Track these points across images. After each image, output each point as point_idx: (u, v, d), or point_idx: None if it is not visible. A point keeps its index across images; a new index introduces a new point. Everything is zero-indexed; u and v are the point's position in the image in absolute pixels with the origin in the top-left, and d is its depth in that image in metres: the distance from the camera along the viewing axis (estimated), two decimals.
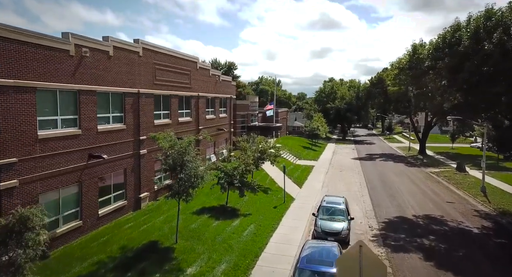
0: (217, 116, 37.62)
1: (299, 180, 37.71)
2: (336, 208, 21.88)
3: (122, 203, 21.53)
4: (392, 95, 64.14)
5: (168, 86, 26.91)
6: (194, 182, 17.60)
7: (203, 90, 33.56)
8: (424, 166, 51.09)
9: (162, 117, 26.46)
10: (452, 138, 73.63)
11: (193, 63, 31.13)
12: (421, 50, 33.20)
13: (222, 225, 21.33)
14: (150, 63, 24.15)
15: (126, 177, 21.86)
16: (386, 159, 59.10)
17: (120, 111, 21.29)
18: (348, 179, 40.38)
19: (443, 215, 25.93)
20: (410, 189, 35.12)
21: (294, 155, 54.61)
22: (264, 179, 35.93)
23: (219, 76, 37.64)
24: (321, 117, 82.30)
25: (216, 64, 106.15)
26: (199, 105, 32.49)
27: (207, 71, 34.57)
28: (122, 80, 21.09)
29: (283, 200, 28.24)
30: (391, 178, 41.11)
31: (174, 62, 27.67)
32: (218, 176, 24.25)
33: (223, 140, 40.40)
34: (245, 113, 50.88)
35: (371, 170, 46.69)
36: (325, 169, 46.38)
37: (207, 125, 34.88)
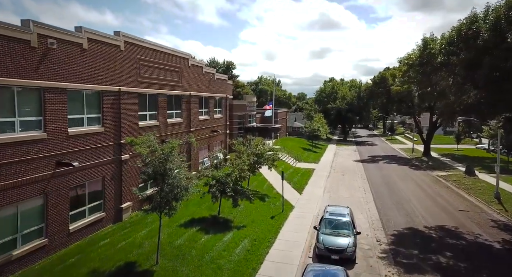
0: (212, 117, 35.25)
1: (299, 185, 35.33)
2: (340, 220, 19.48)
3: (100, 215, 19.12)
4: (395, 95, 61.85)
5: (155, 84, 24.55)
6: (177, 194, 15.22)
7: (195, 89, 31.19)
8: (430, 169, 48.71)
9: (148, 118, 24.08)
10: (457, 139, 71.27)
11: (184, 59, 28.76)
12: (432, 44, 30.76)
13: (212, 240, 18.94)
14: (134, 58, 21.78)
15: (105, 186, 19.46)
16: (390, 161, 56.72)
17: (97, 111, 18.91)
18: (351, 183, 37.99)
19: (458, 227, 23.53)
20: (418, 195, 32.73)
21: (294, 157, 52.24)
22: (261, 185, 33.55)
23: (213, 74, 35.28)
24: (322, 118, 79.92)
25: (214, 64, 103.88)
26: (191, 105, 30.12)
27: (200, 69, 32.20)
28: (100, 77, 18.71)
29: (282, 208, 25.85)
30: (396, 183, 38.73)
31: (162, 58, 25.30)
32: (210, 184, 21.91)
33: (218, 142, 38.02)
34: (243, 114, 48.52)
35: (374, 174, 44.31)
36: (326, 172, 43.99)
37: (200, 126, 32.50)
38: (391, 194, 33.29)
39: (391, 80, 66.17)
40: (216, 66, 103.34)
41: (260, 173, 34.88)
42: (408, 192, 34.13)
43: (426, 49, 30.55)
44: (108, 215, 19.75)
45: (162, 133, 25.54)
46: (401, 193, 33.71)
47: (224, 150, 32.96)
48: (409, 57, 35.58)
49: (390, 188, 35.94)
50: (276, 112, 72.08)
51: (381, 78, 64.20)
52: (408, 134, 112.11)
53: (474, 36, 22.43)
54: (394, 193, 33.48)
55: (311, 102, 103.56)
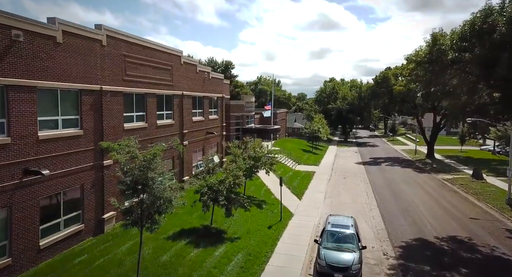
0: (206, 118, 33.43)
1: (298, 190, 33.48)
2: (343, 233, 17.63)
3: (78, 227, 17.27)
4: (397, 95, 59.99)
5: (143, 83, 22.72)
6: (160, 207, 13.39)
7: (188, 88, 29.37)
8: (435, 172, 46.88)
9: (135, 120, 22.23)
10: (461, 140, 69.41)
11: (176, 57, 26.94)
12: (442, 40, 28.81)
13: (202, 255, 17.09)
14: (118, 54, 19.95)
15: (84, 195, 17.62)
16: (392, 163, 54.89)
17: (74, 112, 17.07)
18: (353, 188, 36.15)
19: (471, 237, 21.68)
20: (424, 201, 30.89)
21: (293, 159, 50.43)
22: (258, 190, 31.71)
23: (208, 73, 33.44)
24: (322, 118, 78.13)
25: (213, 63, 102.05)
26: (183, 105, 28.29)
27: (194, 67, 30.37)
28: (78, 74, 16.89)
29: (280, 217, 24.01)
30: (401, 187, 36.88)
31: (151, 55, 23.47)
32: (201, 191, 20.07)
33: (214, 145, 36.18)
34: (240, 115, 46.71)
35: (377, 177, 42.46)
36: (327, 175, 42.16)
37: (194, 128, 30.65)
38: (396, 199, 31.45)
39: (393, 79, 64.37)
40: (215, 65, 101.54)
41: (257, 177, 33.08)
42: (413, 197, 32.28)
43: (435, 45, 28.62)
44: (88, 226, 17.90)
45: (151, 136, 23.73)
46: (406, 198, 31.87)
47: (218, 154, 31.10)
48: (417, 54, 33.58)
49: (394, 192, 34.10)
50: (276, 112, 70.28)
51: (383, 77, 62.40)
52: (410, 135, 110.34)
53: (490, 30, 20.54)
54: (399, 198, 31.64)
55: (311, 103, 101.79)
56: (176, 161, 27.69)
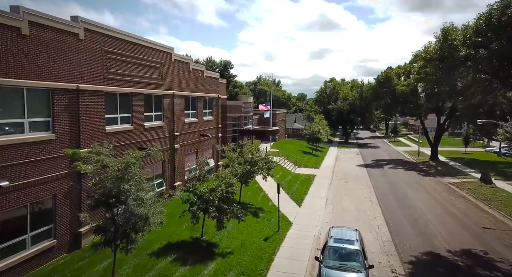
0: (200, 119, 31.53)
1: (298, 195, 31.58)
2: (347, 249, 15.74)
3: (49, 243, 15.38)
4: (400, 95, 58.10)
5: (128, 82, 20.84)
6: (136, 224, 11.53)
7: (180, 87, 27.48)
8: (440, 175, 44.98)
9: (119, 122, 20.34)
10: (465, 141, 67.51)
11: (166, 54, 25.06)
12: (454, 35, 26.72)
13: (189, 274, 15.20)
14: (99, 50, 18.07)
15: (57, 207, 15.73)
16: (395, 166, 52.99)
17: (45, 114, 15.19)
18: (355, 193, 34.26)
19: (487, 251, 19.79)
20: (432, 208, 29.01)
21: (293, 162, 48.54)
22: (255, 195, 29.82)
23: (202, 72, 31.56)
24: (322, 119, 76.19)
25: (211, 63, 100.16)
26: (175, 106, 26.40)
27: (186, 65, 28.48)
28: (49, 71, 15.02)
29: (277, 227, 22.12)
30: (406, 192, 34.99)
31: (138, 51, 21.59)
32: (190, 201, 18.21)
33: (209, 147, 34.28)
34: (237, 115, 44.80)
35: (380, 181, 40.57)
36: (328, 179, 40.26)
37: (186, 130, 28.76)
38: (401, 206, 29.56)
39: (395, 79, 62.49)
40: (213, 65, 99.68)
41: (255, 182, 31.23)
42: (420, 203, 30.39)
43: (446, 40, 26.62)
44: (62, 242, 16.00)
45: (138, 139, 21.85)
46: (412, 204, 29.98)
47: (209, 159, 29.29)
48: (426, 50, 31.51)
49: (399, 198, 32.20)
50: (275, 113, 68.39)
51: (385, 77, 60.49)
52: (411, 135, 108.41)
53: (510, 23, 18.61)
54: (405, 205, 29.75)
55: (311, 103, 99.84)
56: (167, 165, 25.81)
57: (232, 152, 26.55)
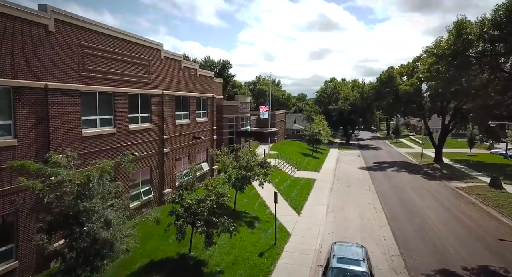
0: (193, 121, 29.57)
1: (297, 201, 29.63)
2: (353, 272, 13.75)
3: (9, 266, 13.36)
4: (403, 95, 56.12)
5: (110, 81, 18.88)
6: (101, 251, 9.56)
7: (170, 87, 25.53)
8: (446, 178, 43.00)
9: (98, 125, 18.37)
10: (470, 143, 65.60)
11: (154, 50, 23.09)
12: (469, 29, 24.46)
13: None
14: (73, 44, 16.11)
15: (19, 223, 13.69)
16: (399, 168, 51.02)
17: (5, 116, 13.22)
18: (358, 199, 32.29)
19: (507, 268, 17.81)
20: (441, 216, 27.05)
21: (292, 165, 46.59)
22: (252, 202, 27.87)
23: (195, 70, 29.59)
24: (323, 120, 74.26)
25: (210, 63, 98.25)
26: (164, 106, 24.44)
27: (177, 63, 26.52)
28: (9, 67, 13.06)
29: (274, 240, 20.16)
30: (411, 197, 33.01)
31: (122, 47, 19.64)
32: (176, 213, 16.25)
33: (203, 150, 32.30)
34: (234, 116, 42.80)
35: (384, 185, 38.61)
36: (329, 184, 38.30)
37: (177, 132, 26.80)
38: (408, 213, 27.60)
39: (398, 79, 60.54)
40: (211, 65, 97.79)
41: (252, 187, 29.25)
42: (427, 210, 28.43)
43: (460, 35, 24.42)
44: (25, 263, 14.00)
45: (121, 143, 19.89)
46: (419, 212, 28.02)
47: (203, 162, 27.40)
48: (438, 46, 29.23)
49: (405, 205, 30.23)
50: (274, 114, 66.43)
51: (388, 76, 58.54)
52: (413, 136, 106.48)
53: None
54: (412, 213, 27.78)
55: (311, 103, 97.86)
56: (155, 171, 23.84)
57: (226, 157, 24.58)
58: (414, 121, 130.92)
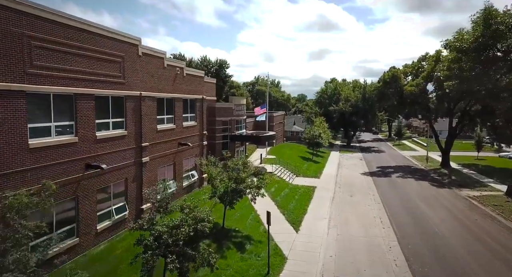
0: (179, 125, 26.49)
1: (295, 215, 26.57)
2: None
3: None
4: (408, 96, 53.01)
5: (70, 80, 15.81)
6: None
7: (151, 87, 22.45)
8: (456, 186, 39.92)
9: (54, 133, 15.25)
10: (477, 146, 62.47)
11: (129, 46, 20.01)
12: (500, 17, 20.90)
13: None
14: (16, 34, 13.04)
15: None
16: (404, 174, 47.93)
17: None
18: (363, 211, 29.23)
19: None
20: (457, 233, 23.98)
21: (291, 170, 43.51)
22: (245, 216, 24.80)
23: (181, 69, 26.50)
24: (323, 122, 71.21)
25: (206, 62, 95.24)
26: (142, 110, 21.36)
27: (159, 60, 23.44)
28: None
29: (267, 268, 17.07)
30: (421, 209, 29.92)
31: (84, 40, 16.55)
32: (145, 242, 13.17)
33: (191, 157, 29.20)
34: (228, 119, 39.73)
35: (390, 194, 35.52)
36: (330, 192, 35.22)
37: (159, 139, 23.73)
38: (420, 230, 24.51)
39: (403, 79, 57.47)
40: (208, 65, 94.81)
41: (245, 198, 26.15)
42: (441, 226, 25.35)
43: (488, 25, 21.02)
44: None
45: (86, 154, 16.79)
46: (432, 228, 24.94)
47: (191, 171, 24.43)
48: (460, 38, 25.68)
49: (415, 219, 27.13)
50: (272, 116, 63.40)
51: (392, 76, 55.51)
52: (416, 138, 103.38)
53: None
54: (423, 229, 24.69)
55: (311, 104, 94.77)
56: (132, 184, 20.74)
57: (213, 167, 21.50)
58: (416, 122, 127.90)
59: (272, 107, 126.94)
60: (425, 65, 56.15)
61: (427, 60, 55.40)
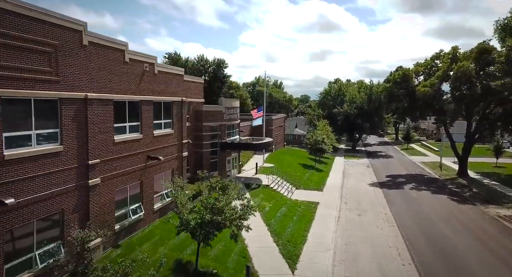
0: (148, 134, 21.39)
1: (292, 246, 21.45)
2: None
3: None
4: (421, 97, 47.62)
5: None
6: None
7: (104, 87, 17.38)
8: (480, 201, 34.61)
9: None
10: (496, 152, 56.99)
11: (67, 31, 14.95)
12: None
13: None
14: None
15: None
16: (418, 185, 42.59)
17: None
18: (375, 237, 24.10)
19: None
20: (497, 272, 18.74)
21: (291, 181, 38.33)
22: (228, 250, 19.61)
23: (151, 65, 21.38)
24: (327, 125, 65.91)
25: (203, 62, 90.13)
26: (89, 117, 16.27)
27: (117, 53, 18.32)
28: None
29: None
30: (445, 235, 24.74)
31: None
32: None
33: (166, 172, 24.08)
34: (218, 124, 34.57)
35: (405, 213, 30.29)
36: (334, 210, 30.03)
37: (119, 153, 18.63)
38: (448, 267, 19.25)
39: (414, 78, 52.14)
40: (205, 64, 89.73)
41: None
42: (474, 260, 20.17)
43: None
44: None
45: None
46: (462, 263, 19.70)
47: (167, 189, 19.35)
48: None
49: (441, 250, 21.87)
50: (271, 119, 58.24)
51: (402, 76, 50.26)
52: (425, 142, 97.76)
53: None
54: (453, 265, 19.44)
55: (314, 106, 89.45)
56: (72, 215, 15.61)
57: (181, 192, 16.36)
58: (424, 125, 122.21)
59: (274, 108, 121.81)
60: (439, 63, 50.83)
61: (442, 58, 50.06)
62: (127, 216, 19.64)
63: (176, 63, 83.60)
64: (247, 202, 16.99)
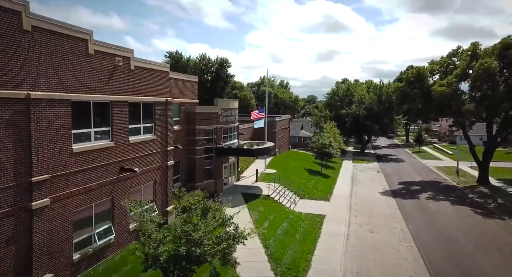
0: (121, 141, 17.94)
1: (294, 271, 17.97)
2: None
3: None
4: (437, 98, 43.59)
5: None
6: None
7: (58, 85, 13.97)
8: (509, 214, 30.69)
9: None
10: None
11: (4, 12, 11.52)
12: None
13: None
14: None
15: None
16: (435, 194, 38.64)
17: None
18: (390, 260, 20.42)
19: None
20: None
21: (294, 190, 34.70)
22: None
23: (125, 59, 17.95)
24: (334, 127, 62.06)
25: (206, 61, 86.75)
26: (33, 121, 12.85)
27: (78, 43, 14.87)
28: None
29: None
30: (472, 258, 20.98)
31: None
32: None
33: (147, 186, 20.61)
34: (213, 128, 31.05)
35: (423, 229, 26.48)
36: (343, 226, 26.37)
37: (79, 166, 15.19)
38: None
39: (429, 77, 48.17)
40: (208, 63, 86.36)
41: None
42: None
43: None
44: None
45: None
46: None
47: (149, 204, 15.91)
48: None
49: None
50: (274, 121, 54.58)
51: (417, 75, 46.33)
52: (438, 144, 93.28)
53: None
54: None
55: (321, 106, 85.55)
56: (9, 248, 12.21)
57: (148, 216, 12.84)
58: (436, 126, 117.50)
59: (279, 109, 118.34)
60: (456, 61, 46.82)
61: (460, 55, 46.05)
62: (91, 242, 16.19)
63: (177, 62, 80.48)
64: (234, 230, 13.43)
